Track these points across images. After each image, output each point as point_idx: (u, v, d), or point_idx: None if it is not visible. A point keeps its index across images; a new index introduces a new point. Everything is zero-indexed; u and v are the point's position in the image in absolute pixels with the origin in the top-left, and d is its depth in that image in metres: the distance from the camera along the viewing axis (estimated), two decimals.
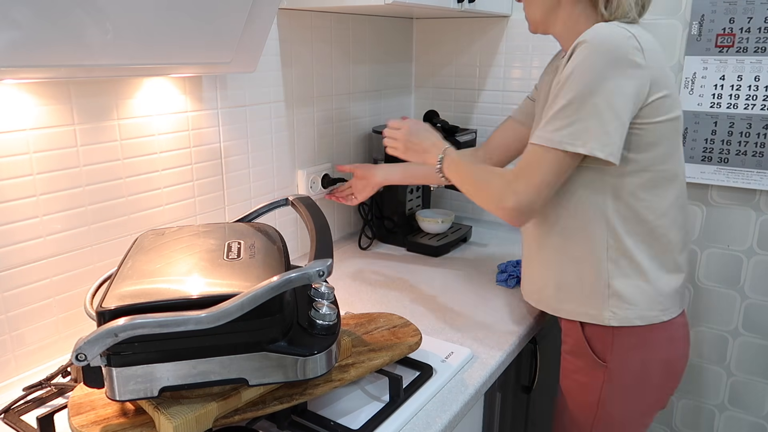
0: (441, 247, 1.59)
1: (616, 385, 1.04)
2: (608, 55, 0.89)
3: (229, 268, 0.78)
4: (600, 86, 0.89)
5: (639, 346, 1.02)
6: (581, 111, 0.90)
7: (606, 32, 0.90)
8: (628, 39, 0.89)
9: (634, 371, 1.04)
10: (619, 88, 0.89)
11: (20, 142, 0.93)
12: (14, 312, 0.97)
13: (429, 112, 1.65)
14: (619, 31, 0.90)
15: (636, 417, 1.08)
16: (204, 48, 0.97)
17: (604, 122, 0.89)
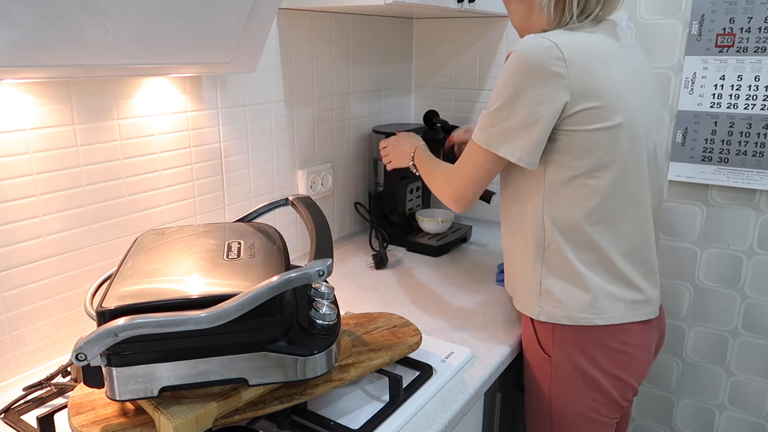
0: (441, 246, 1.59)
1: (561, 380, 1.07)
2: (527, 66, 0.94)
3: (229, 268, 0.78)
4: (519, 95, 0.95)
5: (579, 344, 1.04)
6: (500, 116, 0.98)
7: (529, 43, 0.94)
8: (548, 49, 0.93)
9: (575, 368, 1.05)
10: (537, 97, 0.94)
11: (20, 142, 0.93)
12: (14, 312, 0.97)
13: (429, 112, 1.65)
14: (541, 41, 0.94)
15: (588, 412, 1.07)
16: (204, 48, 0.97)
17: (519, 129, 0.96)
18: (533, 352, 1.11)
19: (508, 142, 0.97)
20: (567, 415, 1.09)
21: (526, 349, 1.13)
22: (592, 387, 1.06)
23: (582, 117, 0.95)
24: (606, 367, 1.04)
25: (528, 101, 0.94)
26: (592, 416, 1.08)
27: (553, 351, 1.07)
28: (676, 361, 1.72)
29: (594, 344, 1.04)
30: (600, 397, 1.06)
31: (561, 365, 1.06)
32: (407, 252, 1.62)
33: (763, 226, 1.51)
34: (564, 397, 1.08)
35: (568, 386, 1.07)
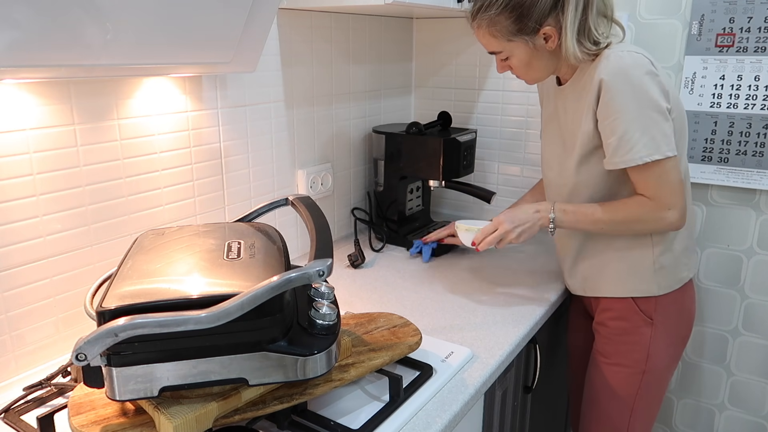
0: (443, 246, 1.58)
1: (659, 338, 1.22)
2: (638, 76, 1.05)
3: (229, 268, 0.78)
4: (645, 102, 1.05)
5: (676, 300, 1.23)
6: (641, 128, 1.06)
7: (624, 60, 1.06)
8: (642, 58, 1.06)
9: (673, 322, 1.23)
10: (658, 95, 1.06)
11: (20, 142, 0.93)
12: (14, 312, 0.97)
13: (442, 113, 1.64)
14: (630, 54, 1.07)
15: (671, 364, 1.26)
16: (204, 48, 0.97)
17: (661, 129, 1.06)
18: (631, 321, 1.22)
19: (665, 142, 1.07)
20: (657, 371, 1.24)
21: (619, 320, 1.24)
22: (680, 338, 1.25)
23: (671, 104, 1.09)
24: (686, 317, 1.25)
25: (656, 101, 1.06)
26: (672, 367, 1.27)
27: (656, 314, 1.21)
28: None
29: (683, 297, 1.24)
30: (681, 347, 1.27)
31: (661, 325, 1.22)
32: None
33: (763, 226, 1.51)
34: (659, 353, 1.22)
35: (665, 342, 1.22)
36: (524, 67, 1.17)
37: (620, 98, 1.06)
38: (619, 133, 1.07)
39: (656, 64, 1.08)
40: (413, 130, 1.57)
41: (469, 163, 1.60)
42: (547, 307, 1.28)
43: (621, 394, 1.26)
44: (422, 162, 1.56)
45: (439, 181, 1.56)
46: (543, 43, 1.12)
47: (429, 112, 1.94)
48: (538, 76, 1.19)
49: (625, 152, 1.08)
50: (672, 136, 1.07)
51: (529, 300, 1.31)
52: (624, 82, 1.05)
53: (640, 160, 1.07)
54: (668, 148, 1.07)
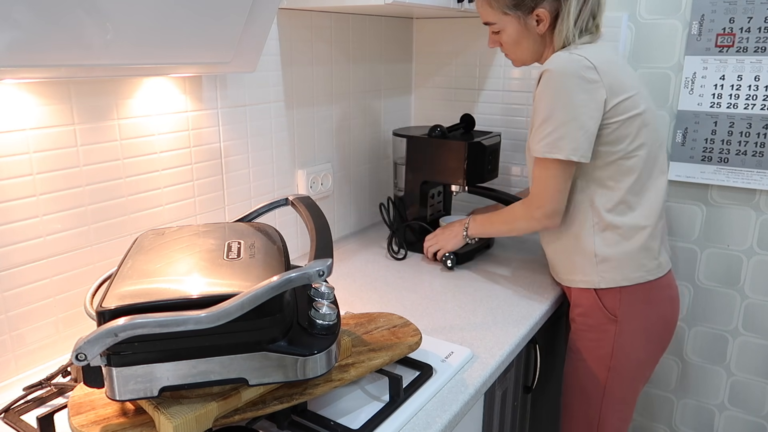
0: (465, 254, 1.51)
1: (625, 336, 1.24)
2: (566, 78, 1.11)
3: (229, 267, 0.78)
4: (564, 104, 1.12)
5: (642, 301, 1.23)
6: (553, 125, 1.13)
7: (562, 60, 1.12)
8: (579, 60, 1.12)
9: (639, 323, 1.23)
10: (580, 102, 1.11)
11: (20, 142, 0.93)
12: (14, 312, 0.97)
13: (465, 115, 1.62)
14: (571, 57, 1.12)
15: (640, 367, 1.27)
16: (204, 48, 0.97)
17: (571, 131, 1.12)
18: (596, 317, 1.25)
19: (567, 145, 1.13)
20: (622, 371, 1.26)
21: (585, 315, 1.27)
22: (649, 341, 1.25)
23: (619, 108, 1.14)
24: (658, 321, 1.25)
25: (575, 107, 1.11)
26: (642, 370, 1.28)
27: (620, 311, 1.23)
28: (676, 361, 1.72)
29: (652, 300, 1.24)
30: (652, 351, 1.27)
31: (626, 322, 1.23)
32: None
33: (763, 226, 1.51)
34: (624, 352, 1.24)
35: (630, 341, 1.24)
36: (513, 44, 1.24)
37: (544, 92, 1.14)
38: (536, 123, 1.16)
39: (604, 70, 1.12)
40: (436, 132, 1.52)
41: (493, 167, 1.56)
42: (547, 307, 1.28)
43: (588, 391, 1.29)
44: (445, 166, 1.52)
45: (462, 185, 1.52)
46: (534, 25, 1.19)
47: (429, 113, 1.94)
48: (524, 58, 1.26)
49: (535, 141, 1.17)
50: (584, 143, 1.12)
51: (529, 300, 1.31)
52: (551, 79, 1.12)
53: (539, 153, 1.16)
54: (571, 153, 1.13)
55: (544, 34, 1.21)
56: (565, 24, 1.17)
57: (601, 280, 1.23)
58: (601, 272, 1.22)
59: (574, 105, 1.11)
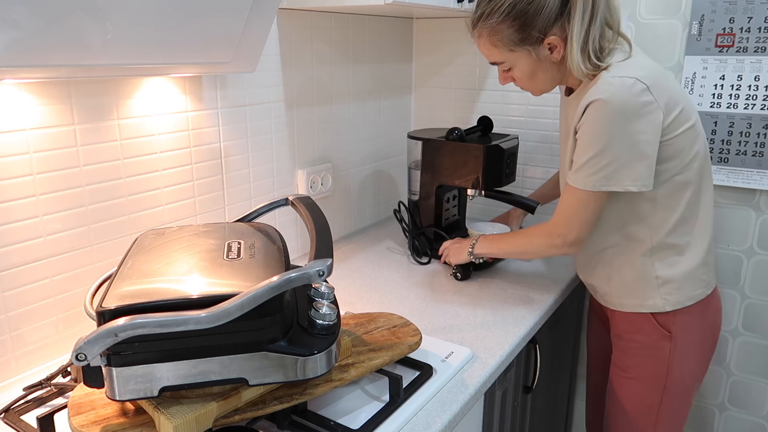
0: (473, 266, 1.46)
1: (680, 352, 1.17)
2: (622, 108, 1.01)
3: (229, 268, 0.78)
4: (621, 137, 1.02)
5: (696, 314, 1.17)
6: (608, 159, 1.04)
7: (614, 88, 1.01)
8: (633, 85, 1.01)
9: (694, 337, 1.18)
10: (638, 131, 1.02)
11: (20, 142, 0.93)
12: (14, 312, 0.97)
13: (483, 118, 1.55)
14: (623, 82, 1.01)
15: (694, 381, 1.22)
16: (204, 48, 0.97)
17: (631, 164, 1.04)
18: (649, 335, 1.19)
19: (627, 177, 1.04)
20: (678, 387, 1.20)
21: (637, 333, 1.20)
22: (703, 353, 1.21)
23: (673, 125, 1.05)
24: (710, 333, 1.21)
25: (634, 138, 1.02)
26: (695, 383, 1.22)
27: (674, 327, 1.17)
28: None
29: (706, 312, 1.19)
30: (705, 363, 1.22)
31: (681, 338, 1.17)
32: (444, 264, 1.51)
33: (763, 226, 1.51)
34: (679, 368, 1.18)
35: (685, 357, 1.18)
36: (528, 78, 1.14)
37: (595, 125, 1.03)
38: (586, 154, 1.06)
39: (657, 86, 1.02)
40: (454, 135, 1.46)
41: (511, 171, 1.50)
42: (547, 307, 1.28)
43: (643, 410, 1.22)
44: (462, 170, 1.46)
45: (479, 189, 1.47)
46: (548, 54, 1.08)
47: (429, 113, 1.94)
48: (543, 88, 1.17)
49: (581, 172, 1.08)
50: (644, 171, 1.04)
51: (529, 300, 1.31)
52: (605, 110, 1.02)
53: (591, 186, 1.07)
54: (631, 184, 1.04)
55: (563, 59, 1.09)
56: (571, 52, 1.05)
57: (666, 303, 1.15)
58: (664, 295, 1.15)
59: (633, 137, 1.02)
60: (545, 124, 1.73)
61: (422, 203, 1.57)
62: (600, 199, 1.09)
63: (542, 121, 1.73)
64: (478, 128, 1.57)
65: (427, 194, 1.55)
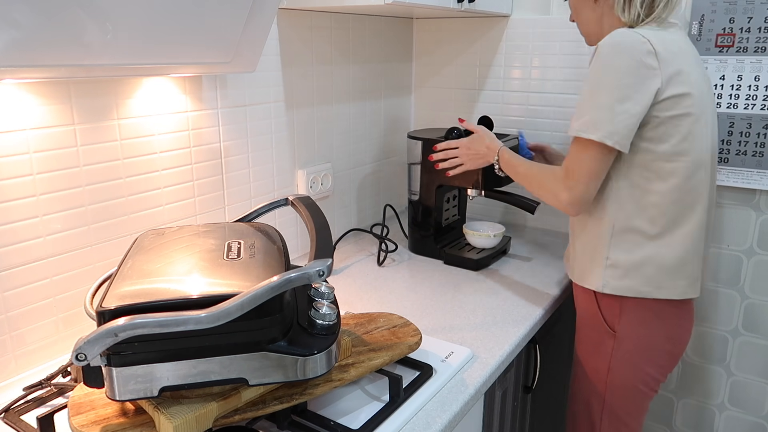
0: (481, 260, 1.48)
1: (623, 353, 1.17)
2: (618, 55, 1.02)
3: (229, 268, 0.78)
4: (610, 83, 1.03)
5: (645, 319, 1.14)
6: (593, 104, 1.05)
7: (623, 36, 1.03)
8: (642, 44, 1.02)
9: (639, 342, 1.16)
10: (628, 85, 1.02)
11: (20, 142, 0.93)
12: (14, 312, 0.97)
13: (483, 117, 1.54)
14: (634, 35, 1.02)
15: (641, 385, 1.19)
16: (204, 48, 0.97)
17: (612, 114, 1.03)
18: (595, 328, 1.19)
19: (605, 127, 1.03)
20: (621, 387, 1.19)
21: (586, 324, 1.22)
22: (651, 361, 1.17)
23: (670, 102, 1.04)
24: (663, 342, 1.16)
25: (622, 88, 1.02)
26: (643, 388, 1.19)
27: (619, 326, 1.16)
28: None
29: (658, 319, 1.14)
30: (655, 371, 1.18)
31: (624, 339, 1.16)
32: (444, 265, 1.52)
33: (763, 226, 1.51)
34: (621, 369, 1.18)
35: (627, 359, 1.17)
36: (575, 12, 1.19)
37: (593, 69, 1.06)
38: (582, 99, 1.08)
39: (666, 58, 1.02)
40: (454, 134, 1.45)
41: None
42: (547, 307, 1.28)
43: (589, 402, 1.25)
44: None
45: (479, 189, 1.47)
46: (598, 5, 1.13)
47: (429, 113, 1.94)
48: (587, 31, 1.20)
49: (574, 117, 1.09)
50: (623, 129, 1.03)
51: (529, 300, 1.31)
52: (603, 54, 1.04)
53: (575, 132, 1.07)
54: (607, 136, 1.03)
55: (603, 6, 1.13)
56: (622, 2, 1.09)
57: (604, 285, 1.15)
58: (606, 277, 1.14)
59: (621, 86, 1.02)
60: (545, 124, 1.73)
61: (422, 203, 1.57)
62: (604, 152, 1.06)
63: (542, 121, 1.73)
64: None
65: (427, 194, 1.55)
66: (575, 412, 1.30)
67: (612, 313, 1.16)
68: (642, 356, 1.16)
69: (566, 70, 1.66)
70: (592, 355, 1.22)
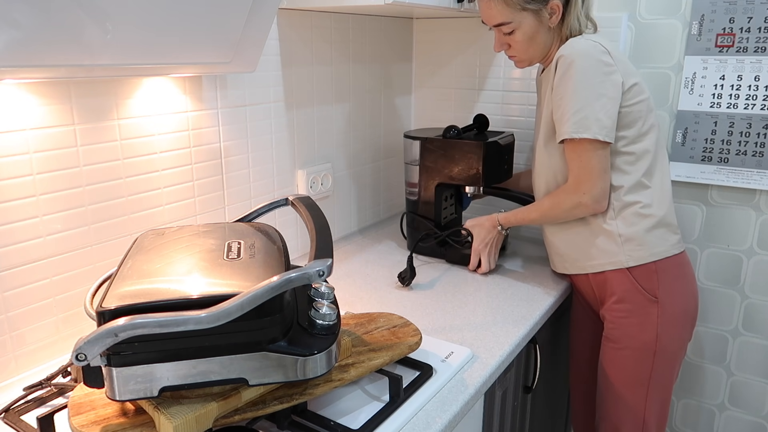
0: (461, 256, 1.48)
1: (668, 316, 1.23)
2: (587, 60, 1.14)
3: (229, 268, 0.78)
4: (587, 85, 1.14)
5: (677, 277, 1.24)
6: (578, 106, 1.15)
7: (580, 44, 1.16)
8: (595, 46, 1.15)
9: (678, 300, 1.24)
10: (601, 83, 1.14)
11: (20, 142, 0.93)
12: (14, 312, 0.97)
13: (479, 116, 1.59)
14: (588, 42, 1.16)
15: (682, 346, 1.27)
16: (204, 48, 0.97)
17: (593, 111, 1.14)
18: (634, 302, 1.23)
19: (594, 125, 1.14)
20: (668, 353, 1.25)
21: (622, 302, 1.25)
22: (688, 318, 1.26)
23: (630, 92, 1.18)
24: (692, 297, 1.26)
25: (598, 87, 1.14)
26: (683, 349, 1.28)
27: (659, 291, 1.22)
28: None
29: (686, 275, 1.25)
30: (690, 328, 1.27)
31: (668, 302, 1.23)
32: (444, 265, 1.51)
33: (763, 226, 1.51)
34: (668, 333, 1.23)
35: (673, 321, 1.23)
36: (527, 42, 1.23)
37: (566, 76, 1.15)
38: (562, 107, 1.16)
39: (615, 56, 1.16)
40: (452, 133, 1.49)
41: (509, 167, 1.54)
42: (547, 307, 1.28)
43: (635, 378, 1.26)
44: (462, 167, 1.48)
45: (478, 187, 1.49)
46: (547, 18, 1.20)
47: (429, 113, 1.94)
48: (535, 55, 1.26)
49: (562, 125, 1.17)
50: (608, 123, 1.14)
51: (529, 300, 1.31)
52: (577, 61, 1.14)
53: (568, 134, 1.16)
54: (598, 132, 1.14)
55: (554, 27, 1.22)
56: (575, 11, 1.20)
57: (629, 258, 1.22)
58: (627, 251, 1.22)
59: (596, 86, 1.13)
60: None
61: (421, 203, 1.57)
62: (603, 148, 1.17)
63: None
64: (474, 126, 1.58)
65: (426, 194, 1.56)
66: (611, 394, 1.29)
67: (650, 279, 1.22)
68: (681, 315, 1.24)
69: None
70: (636, 328, 1.24)
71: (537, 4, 1.19)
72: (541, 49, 1.25)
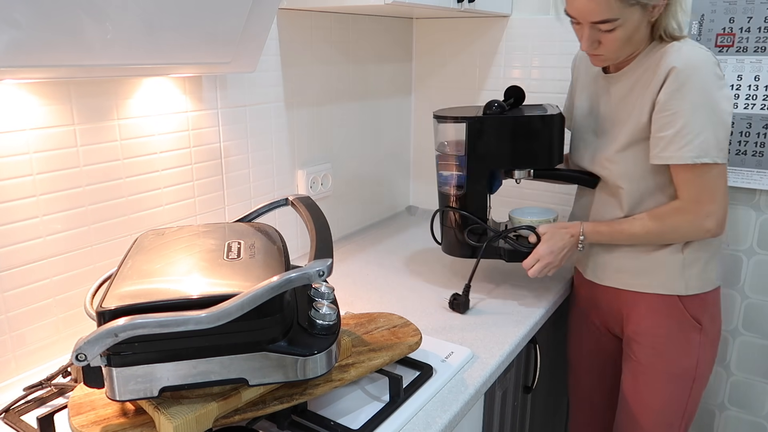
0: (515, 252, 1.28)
1: (709, 342, 1.20)
2: (706, 75, 1.05)
3: (229, 268, 0.78)
4: (708, 103, 1.04)
5: (718, 302, 1.22)
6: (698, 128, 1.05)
7: (696, 55, 1.06)
8: (708, 57, 1.06)
9: (716, 327, 1.22)
10: (720, 99, 1.05)
11: (20, 142, 0.93)
12: (14, 312, 0.97)
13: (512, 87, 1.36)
14: (702, 50, 1.07)
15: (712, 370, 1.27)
16: (204, 48, 0.97)
17: (718, 133, 1.06)
18: (679, 328, 1.18)
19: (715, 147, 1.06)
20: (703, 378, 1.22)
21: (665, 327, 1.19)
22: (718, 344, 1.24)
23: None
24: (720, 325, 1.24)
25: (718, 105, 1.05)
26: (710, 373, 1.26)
27: (704, 318, 1.18)
28: None
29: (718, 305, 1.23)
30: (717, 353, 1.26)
31: (709, 330, 1.20)
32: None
33: (763, 226, 1.51)
34: (706, 359, 1.21)
35: (711, 349, 1.21)
36: (624, 40, 1.08)
37: (687, 92, 1.04)
38: (677, 126, 1.05)
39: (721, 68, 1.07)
40: (494, 108, 1.25)
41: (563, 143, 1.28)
42: (547, 307, 1.28)
43: (670, 405, 1.21)
44: (528, 147, 1.24)
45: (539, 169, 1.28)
46: (650, 13, 1.06)
47: (429, 113, 1.94)
48: (624, 54, 1.12)
49: (678, 148, 1.06)
50: (725, 143, 1.07)
51: (529, 300, 1.31)
52: (695, 76, 1.04)
53: (690, 159, 1.05)
54: (719, 154, 1.06)
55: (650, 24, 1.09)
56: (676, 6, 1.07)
57: (687, 287, 1.16)
58: (687, 279, 1.16)
59: (714, 104, 1.04)
60: None
61: (468, 195, 1.30)
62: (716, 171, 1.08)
63: None
64: (509, 101, 1.35)
65: (477, 184, 1.30)
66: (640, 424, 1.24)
67: (698, 306, 1.18)
68: (717, 339, 1.23)
69: (566, 71, 1.66)
70: (676, 355, 1.19)
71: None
72: (633, 49, 1.12)
